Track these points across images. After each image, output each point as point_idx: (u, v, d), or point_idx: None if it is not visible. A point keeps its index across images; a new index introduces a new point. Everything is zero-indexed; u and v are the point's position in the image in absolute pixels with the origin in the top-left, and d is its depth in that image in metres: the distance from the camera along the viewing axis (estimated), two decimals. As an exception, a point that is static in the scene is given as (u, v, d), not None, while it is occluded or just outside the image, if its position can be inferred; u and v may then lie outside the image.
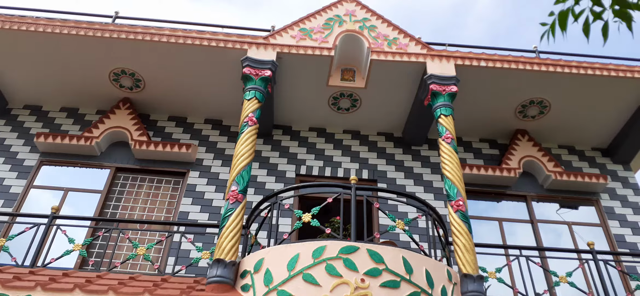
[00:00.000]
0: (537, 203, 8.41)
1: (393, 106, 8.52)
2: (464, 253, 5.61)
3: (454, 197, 6.05)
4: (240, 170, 6.03)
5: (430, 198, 8.14)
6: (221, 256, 5.31)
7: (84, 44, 7.69)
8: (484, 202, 8.37)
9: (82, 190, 7.76)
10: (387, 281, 4.90)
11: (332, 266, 4.93)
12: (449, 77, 7.44)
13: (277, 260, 5.10)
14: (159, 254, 7.14)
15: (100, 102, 8.65)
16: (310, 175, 8.32)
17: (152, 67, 8.01)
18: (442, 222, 6.00)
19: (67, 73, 8.17)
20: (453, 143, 6.61)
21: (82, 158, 8.01)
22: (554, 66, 7.85)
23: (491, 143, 9.13)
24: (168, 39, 7.57)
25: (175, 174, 8.10)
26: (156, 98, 8.54)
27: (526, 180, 8.53)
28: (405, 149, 8.82)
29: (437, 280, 5.18)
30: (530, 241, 7.84)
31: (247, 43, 7.59)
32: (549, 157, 8.49)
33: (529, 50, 8.61)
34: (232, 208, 5.71)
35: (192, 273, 6.72)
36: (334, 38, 7.90)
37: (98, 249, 7.10)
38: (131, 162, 8.06)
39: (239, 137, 6.41)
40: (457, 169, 6.33)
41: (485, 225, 8.02)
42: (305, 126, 8.97)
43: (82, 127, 8.49)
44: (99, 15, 8.47)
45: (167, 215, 7.65)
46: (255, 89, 6.98)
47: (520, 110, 8.56)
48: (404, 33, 8.09)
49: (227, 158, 8.32)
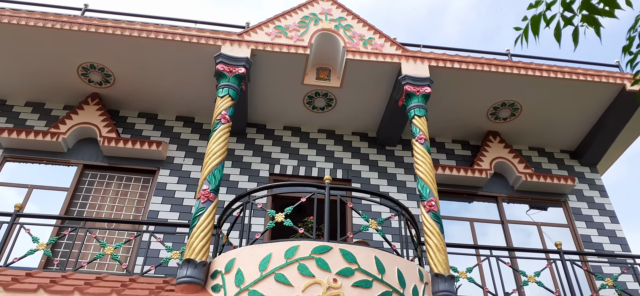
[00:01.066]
0: (507, 204, 8.56)
1: (368, 106, 8.54)
2: (436, 253, 5.65)
3: (426, 197, 6.09)
4: (212, 169, 5.94)
5: (404, 198, 8.19)
6: (191, 256, 5.21)
7: (51, 37, 7.44)
8: (456, 202, 8.47)
9: (48, 187, 7.51)
10: (360, 281, 4.90)
11: (304, 266, 4.89)
12: (423, 78, 7.49)
13: (248, 260, 5.04)
14: (128, 254, 6.97)
15: (68, 97, 8.40)
16: (285, 174, 8.26)
17: (122, 62, 7.81)
18: (414, 222, 6.03)
19: (33, 66, 7.90)
20: (426, 144, 6.66)
21: (48, 155, 7.76)
22: (526, 69, 8.00)
23: (464, 144, 9.25)
24: (139, 33, 7.39)
25: (145, 172, 7.92)
26: (126, 94, 8.34)
27: (497, 181, 8.68)
28: (379, 149, 8.86)
29: (409, 280, 5.21)
30: (501, 242, 7.97)
31: (221, 39, 7.48)
32: (520, 159, 8.65)
33: (502, 53, 8.74)
34: (204, 208, 5.61)
35: (161, 274, 6.58)
36: (310, 36, 7.85)
37: (64, 248, 6.89)
38: (99, 159, 7.84)
39: (211, 135, 6.31)
40: (430, 170, 6.38)
41: (456, 225, 8.12)
42: (279, 125, 8.90)
43: (48, 123, 8.22)
44: (67, 8, 8.21)
45: (137, 214, 7.47)
46: (228, 86, 6.88)
47: (492, 112, 8.69)
48: (379, 33, 8.11)
49: (199, 156, 8.18)
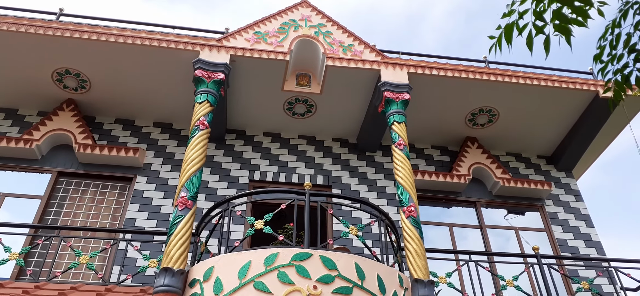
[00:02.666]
0: (485, 208, 8.66)
1: (348, 112, 8.56)
2: (415, 258, 5.67)
3: (406, 202, 6.12)
4: (190, 176, 5.86)
5: (384, 203, 8.22)
6: (169, 264, 5.13)
7: (25, 42, 7.27)
8: (435, 207, 8.53)
9: (21, 195, 7.31)
10: (340, 288, 4.88)
11: (284, 274, 4.86)
12: (402, 84, 7.55)
13: (227, 268, 4.98)
14: (104, 263, 6.81)
15: (42, 103, 8.20)
16: (265, 180, 8.21)
17: (98, 67, 7.67)
18: (394, 228, 6.05)
19: (5, 71, 7.70)
20: (405, 149, 6.70)
21: (21, 162, 7.55)
22: (502, 76, 8.12)
23: (442, 150, 9.34)
24: (116, 38, 7.27)
25: (121, 179, 7.78)
26: (102, 100, 8.19)
27: (476, 186, 8.78)
28: (359, 155, 8.88)
29: (389, 286, 5.21)
30: (480, 246, 8.06)
31: (200, 45, 7.41)
32: (498, 164, 8.78)
33: (479, 60, 8.88)
34: (181, 215, 5.53)
35: (138, 283, 6.45)
36: (289, 42, 7.85)
37: (37, 258, 6.70)
38: (75, 166, 7.67)
39: (189, 141, 6.23)
40: (409, 175, 6.41)
41: (436, 230, 8.18)
42: (259, 131, 8.86)
43: (21, 129, 8.01)
44: (42, 12, 8.06)
45: (113, 222, 7.32)
46: (207, 92, 6.81)
47: (470, 118, 8.80)
48: (359, 40, 8.15)
49: (176, 163, 8.07)
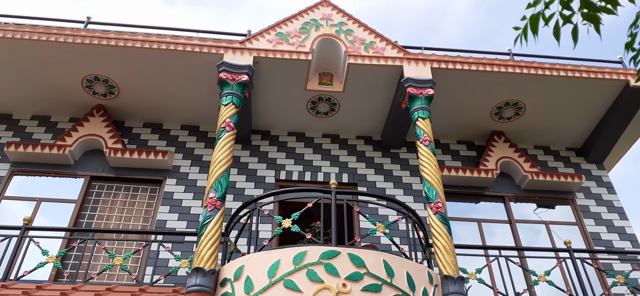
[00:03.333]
0: (514, 203, 8.54)
1: (371, 109, 8.55)
2: (444, 254, 5.64)
3: (433, 199, 6.08)
4: (218, 177, 5.95)
5: (410, 200, 8.18)
6: (200, 264, 5.22)
7: (55, 50, 7.49)
8: (462, 203, 8.45)
9: (56, 200, 7.54)
10: (369, 285, 4.89)
11: (313, 272, 4.89)
12: (425, 80, 7.50)
13: (257, 267, 5.04)
14: (137, 264, 6.98)
15: (73, 110, 8.44)
16: (290, 180, 8.27)
17: (126, 73, 7.85)
18: (422, 224, 6.02)
19: (38, 80, 7.95)
20: (431, 145, 6.66)
21: (55, 168, 7.80)
22: (528, 68, 7.99)
23: (468, 145, 9.24)
24: (142, 44, 7.43)
25: (151, 182, 7.95)
26: (131, 104, 8.38)
27: (503, 180, 8.66)
28: (384, 152, 8.86)
29: (418, 283, 5.20)
30: (509, 241, 7.94)
31: (223, 48, 7.51)
32: (525, 158, 8.64)
33: (503, 52, 8.74)
34: (211, 216, 5.62)
35: (171, 283, 6.59)
36: (311, 42, 7.88)
37: (73, 260, 6.91)
38: (106, 170, 7.88)
39: (216, 143, 6.33)
40: (435, 171, 6.37)
41: (464, 226, 8.10)
42: (283, 131, 8.92)
43: (54, 136, 8.26)
44: (70, 21, 8.27)
45: (144, 224, 7.49)
46: (232, 94, 6.90)
47: (496, 112, 8.68)
48: (380, 37, 8.13)
49: (204, 164, 8.20)
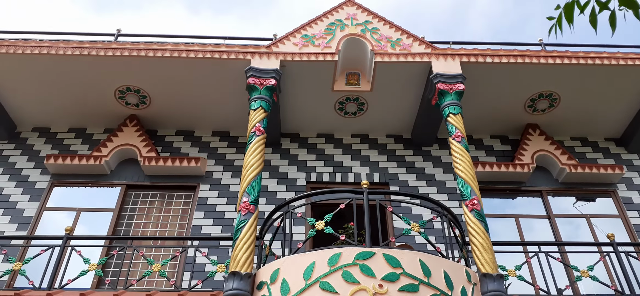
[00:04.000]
0: (553, 197, 8.29)
1: (400, 107, 8.46)
2: (482, 252, 5.52)
3: (468, 196, 5.96)
4: (250, 181, 5.99)
5: (444, 198, 8.05)
6: (236, 268, 5.26)
7: (88, 64, 7.71)
8: (498, 199, 8.27)
9: (94, 209, 7.75)
10: (406, 286, 4.83)
11: (348, 273, 4.87)
12: (455, 75, 7.38)
13: (292, 269, 5.05)
14: (175, 270, 7.10)
15: (108, 121, 8.66)
16: (321, 181, 8.26)
17: (156, 82, 8.01)
18: (457, 222, 5.92)
19: (73, 93, 8.19)
20: (464, 141, 6.54)
21: (93, 178, 8.02)
22: (561, 58, 7.77)
23: (502, 139, 9.04)
24: (171, 53, 7.57)
25: (185, 188, 8.08)
26: (162, 113, 8.54)
27: (540, 174, 8.42)
28: (415, 150, 8.75)
29: (456, 281, 5.10)
30: (549, 237, 7.72)
31: (250, 53, 7.57)
32: (562, 150, 8.39)
33: (534, 43, 8.51)
34: (245, 220, 5.66)
35: (208, 287, 6.65)
36: (337, 43, 7.87)
37: (113, 267, 7.08)
38: (141, 178, 8.05)
39: (247, 148, 6.38)
40: (469, 168, 6.25)
41: (500, 222, 7.92)
42: (312, 133, 8.93)
43: (90, 147, 8.50)
44: (101, 34, 8.48)
45: (180, 230, 7.62)
46: (260, 99, 6.95)
47: (530, 105, 8.47)
48: (407, 33, 8.04)
49: (236, 169, 8.28)
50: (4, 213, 7.59)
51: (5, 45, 7.53)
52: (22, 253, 7.03)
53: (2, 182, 7.97)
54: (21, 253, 7.04)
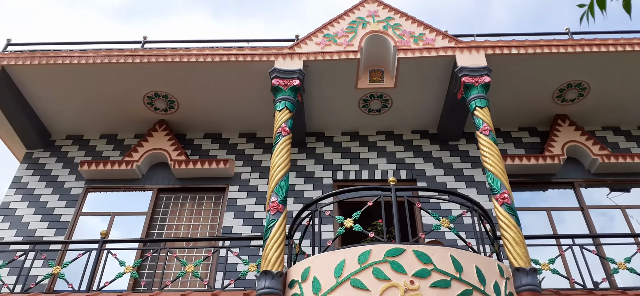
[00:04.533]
0: (585, 188, 8.12)
1: (425, 103, 8.41)
2: (514, 246, 5.45)
3: (498, 189, 5.89)
4: (278, 181, 6.05)
5: (473, 193, 7.96)
6: (268, 267, 5.33)
7: (117, 71, 7.91)
8: (528, 192, 8.14)
9: (128, 213, 7.96)
10: (437, 281, 4.81)
11: (379, 270, 4.87)
12: (480, 67, 7.29)
13: (323, 267, 5.08)
14: (207, 270, 7.24)
15: (137, 126, 8.87)
16: (347, 179, 8.28)
17: (183, 87, 8.16)
18: (488, 217, 5.86)
19: (103, 101, 8.42)
20: (492, 134, 6.46)
21: (125, 182, 8.23)
22: (590, 46, 7.60)
23: (531, 131, 8.89)
24: (196, 58, 7.70)
25: (215, 190, 8.22)
26: (190, 117, 8.70)
27: (572, 166, 8.25)
28: (442, 145, 8.68)
29: (489, 276, 5.05)
30: (582, 229, 7.56)
31: (273, 54, 7.64)
32: (594, 140, 8.20)
33: (561, 32, 8.34)
34: (274, 219, 5.73)
35: (240, 287, 6.76)
36: (359, 40, 7.87)
37: (148, 269, 7.26)
38: (172, 182, 8.22)
39: (273, 148, 6.45)
40: (498, 161, 6.17)
41: (531, 216, 7.80)
42: (337, 131, 8.95)
43: (122, 152, 8.72)
44: (128, 42, 8.65)
45: (211, 231, 7.76)
46: (285, 99, 7.01)
47: (558, 95, 8.30)
48: (429, 28, 7.99)
49: (264, 169, 8.38)
50: (42, 219, 7.86)
51: (38, 57, 7.79)
52: (60, 258, 7.27)
53: (40, 189, 8.25)
54: (60, 257, 7.28)
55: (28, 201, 8.11)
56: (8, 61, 7.71)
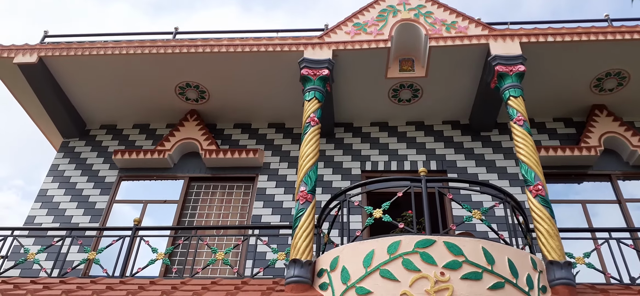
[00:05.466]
0: (623, 181, 7.83)
1: (457, 92, 8.26)
2: (548, 239, 5.32)
3: (532, 181, 5.75)
4: (307, 171, 6.06)
5: (506, 185, 7.79)
6: (297, 256, 5.36)
7: (149, 62, 8.04)
8: (562, 184, 7.91)
9: (160, 201, 8.13)
10: (468, 273, 4.74)
11: (409, 261, 4.83)
12: (515, 56, 7.10)
13: (352, 257, 5.08)
14: (237, 258, 7.33)
15: (169, 116, 9.02)
16: (376, 170, 8.24)
17: (214, 77, 8.25)
18: (521, 209, 5.73)
19: (136, 91, 8.59)
20: (526, 125, 6.30)
21: (157, 171, 8.40)
22: (630, 33, 7.31)
23: (566, 122, 8.62)
24: (227, 48, 7.76)
25: (245, 179, 8.31)
26: (221, 107, 8.79)
27: (609, 157, 7.98)
28: (473, 136, 8.51)
29: (521, 269, 4.95)
30: (618, 223, 7.31)
31: (303, 44, 7.63)
32: (633, 131, 7.90)
33: (599, 19, 8.02)
34: (303, 209, 5.75)
35: (270, 275, 6.83)
36: (389, 29, 7.77)
37: (179, 256, 7.40)
38: (203, 171, 8.35)
39: (302, 138, 6.45)
40: (532, 152, 6.02)
41: (564, 209, 7.59)
42: (366, 121, 8.89)
43: (154, 142, 8.89)
44: (159, 33, 8.77)
45: (241, 220, 7.86)
46: (314, 89, 6.99)
47: (596, 84, 8.02)
48: (462, 16, 7.82)
49: (292, 159, 8.41)
50: (78, 206, 8.11)
51: (74, 48, 7.99)
52: (95, 244, 7.49)
53: (75, 177, 8.51)
54: (95, 243, 7.50)
55: (64, 188, 8.38)
56: (46, 52, 7.95)
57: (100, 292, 5.15)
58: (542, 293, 5.00)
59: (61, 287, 5.39)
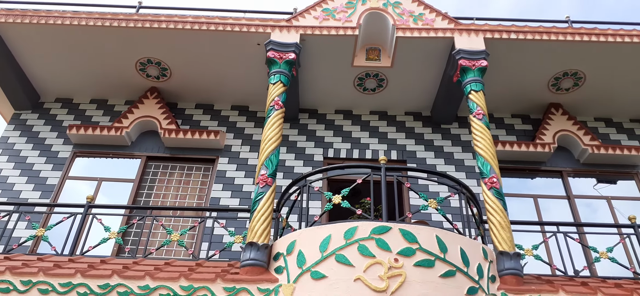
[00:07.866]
0: (573, 178, 8.16)
1: (421, 84, 8.36)
2: (500, 230, 5.48)
3: (487, 174, 5.90)
4: (268, 154, 6.01)
5: (462, 176, 7.97)
6: (254, 239, 5.32)
7: (110, 35, 7.76)
8: (516, 178, 8.16)
9: (115, 179, 7.89)
10: (422, 261, 4.84)
11: (364, 247, 4.89)
12: (478, 51, 7.23)
13: (309, 241, 5.09)
14: (193, 240, 7.23)
15: (129, 92, 8.75)
16: (338, 157, 8.27)
17: (177, 55, 8.04)
18: (475, 200, 5.87)
19: (95, 65, 8.28)
20: (485, 119, 6.44)
21: (114, 149, 8.15)
22: (589, 35, 7.54)
23: (524, 118, 8.88)
24: (191, 25, 7.57)
25: (205, 161, 8.17)
26: (183, 86, 8.59)
27: (562, 155, 8.28)
28: (434, 128, 8.66)
29: (473, 258, 5.08)
30: (567, 218, 7.62)
31: (270, 26, 7.52)
32: (585, 131, 8.21)
33: (561, 20, 8.28)
34: (263, 192, 5.70)
35: (225, 258, 6.78)
36: (358, 17, 7.76)
37: (133, 236, 7.23)
38: (161, 150, 8.15)
39: (265, 122, 6.38)
40: (489, 146, 6.17)
41: (517, 203, 7.84)
42: (331, 109, 8.89)
43: (111, 118, 8.62)
44: (122, 6, 8.49)
45: (199, 202, 7.73)
46: (280, 73, 6.92)
47: (554, 83, 8.28)
48: (430, 8, 7.89)
49: (255, 143, 8.33)
50: (28, 181, 7.78)
51: (29, 16, 7.62)
52: (45, 220, 7.22)
53: (26, 151, 8.16)
54: (44, 220, 7.23)
55: (14, 162, 8.02)
56: (-2, 18, 7.54)
57: (47, 270, 4.97)
58: (491, 282, 5.16)
59: (5, 264, 5.17)
